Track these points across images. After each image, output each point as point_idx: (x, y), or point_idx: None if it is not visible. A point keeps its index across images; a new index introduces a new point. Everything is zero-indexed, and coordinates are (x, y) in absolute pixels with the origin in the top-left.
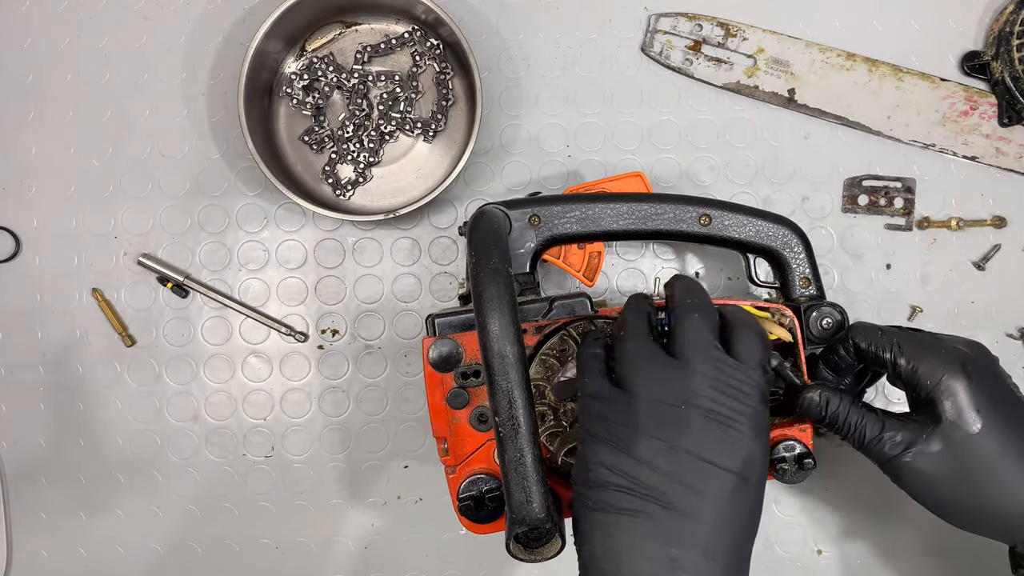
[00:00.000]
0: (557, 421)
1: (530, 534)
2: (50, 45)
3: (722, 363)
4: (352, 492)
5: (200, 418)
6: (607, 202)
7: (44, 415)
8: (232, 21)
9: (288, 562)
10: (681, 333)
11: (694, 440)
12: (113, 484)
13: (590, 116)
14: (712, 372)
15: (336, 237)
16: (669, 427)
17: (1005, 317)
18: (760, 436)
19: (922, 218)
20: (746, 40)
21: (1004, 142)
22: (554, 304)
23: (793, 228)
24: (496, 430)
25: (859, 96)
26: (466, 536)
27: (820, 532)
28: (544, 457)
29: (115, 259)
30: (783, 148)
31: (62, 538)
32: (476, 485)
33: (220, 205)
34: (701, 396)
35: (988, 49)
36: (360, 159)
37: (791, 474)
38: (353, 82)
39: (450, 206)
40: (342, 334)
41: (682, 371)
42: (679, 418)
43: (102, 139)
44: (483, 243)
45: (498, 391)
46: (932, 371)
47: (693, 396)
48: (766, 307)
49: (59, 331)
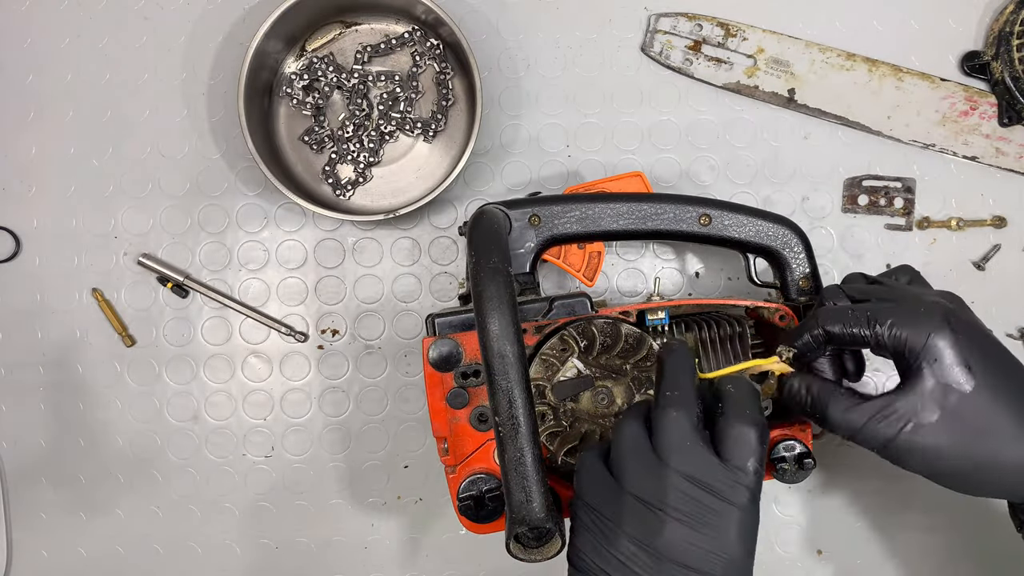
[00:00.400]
0: (557, 421)
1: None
2: (50, 45)
3: (702, 463)
4: (352, 492)
5: (200, 418)
6: (607, 202)
7: (44, 415)
8: (232, 21)
9: (288, 562)
10: (659, 431)
11: (670, 543)
12: (113, 484)
13: (590, 116)
14: (690, 471)
15: (336, 237)
16: (647, 527)
17: (1005, 317)
18: (745, 538)
19: (922, 218)
20: (746, 40)
21: (1004, 142)
22: (554, 304)
23: (793, 228)
24: (496, 430)
25: (859, 96)
26: (466, 536)
27: (820, 532)
28: (544, 457)
29: (115, 259)
30: (783, 148)
31: (62, 538)
32: (476, 485)
33: (220, 205)
34: (677, 497)
35: (988, 49)
36: (360, 159)
37: (791, 474)
38: (353, 82)
39: (450, 206)
40: (342, 334)
41: (661, 470)
42: (657, 519)
43: (102, 139)
44: (483, 243)
45: (498, 391)
46: (917, 335)
47: (669, 497)
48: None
49: (59, 331)
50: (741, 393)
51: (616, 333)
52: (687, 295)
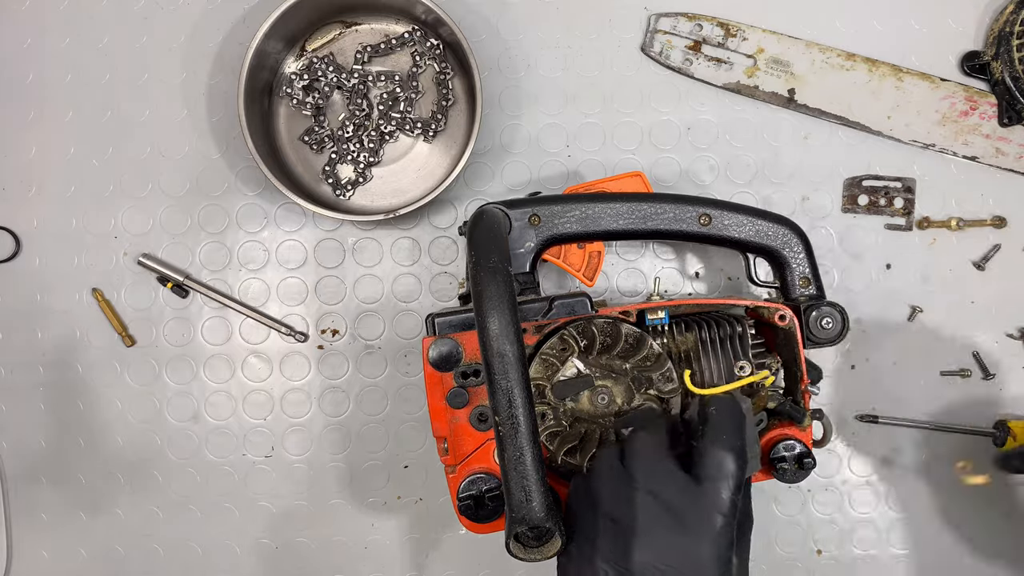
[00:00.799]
0: (557, 421)
1: (530, 533)
2: (50, 45)
3: (671, 482)
4: (352, 492)
5: (200, 418)
6: (607, 202)
7: (44, 415)
8: (232, 21)
9: (288, 562)
10: (629, 450)
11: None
12: (113, 484)
13: (590, 116)
14: (657, 489)
15: (336, 237)
16: (619, 547)
17: (1005, 317)
18: (719, 561)
19: (922, 218)
20: (746, 40)
21: (1004, 142)
22: (554, 304)
23: (793, 228)
24: (496, 429)
25: (859, 96)
26: (466, 536)
27: (820, 532)
28: (544, 457)
29: (115, 259)
30: (783, 148)
31: (62, 538)
32: (476, 485)
33: (220, 205)
34: (646, 516)
35: (988, 49)
36: (360, 159)
37: (791, 474)
38: (353, 82)
39: (450, 206)
40: (342, 334)
41: (630, 490)
42: (626, 539)
43: (102, 139)
44: (483, 243)
45: (498, 390)
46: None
47: (638, 516)
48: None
49: (59, 331)
50: (723, 416)
51: (616, 333)
52: (687, 295)
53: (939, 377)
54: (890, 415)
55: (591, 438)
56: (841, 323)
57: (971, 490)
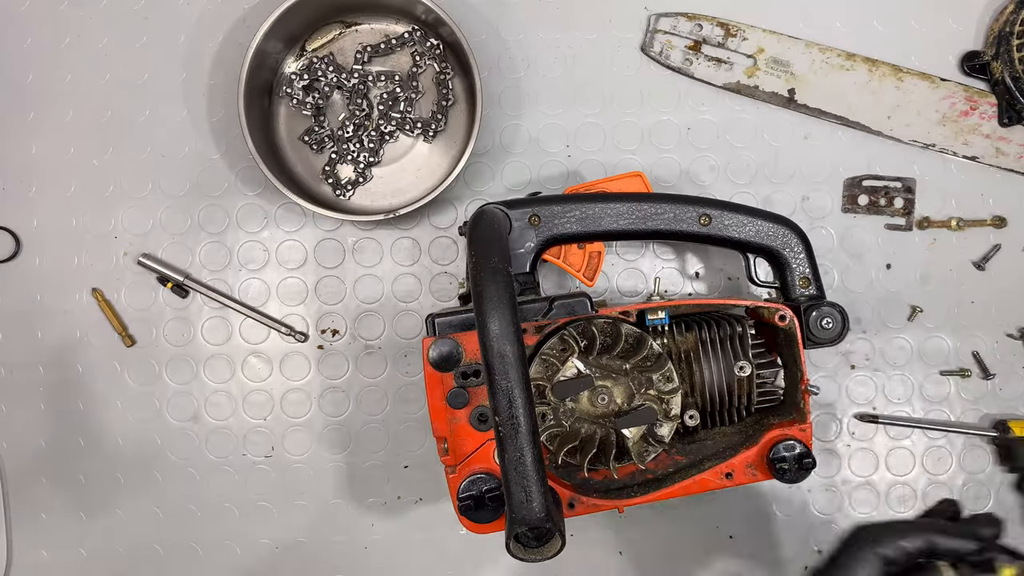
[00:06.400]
0: (557, 421)
1: (530, 534)
2: (50, 45)
3: None
4: (352, 492)
5: (200, 418)
6: (607, 202)
7: (44, 415)
8: (232, 21)
9: (288, 562)
10: None
11: None
12: (113, 484)
13: (590, 116)
14: None
15: (336, 237)
16: None
17: (1005, 317)
18: None
19: (922, 218)
20: (746, 40)
21: (1004, 142)
22: (554, 304)
23: (793, 228)
24: (496, 430)
25: (859, 96)
26: (466, 536)
27: (820, 532)
28: (544, 457)
29: (115, 259)
30: (783, 148)
31: (62, 538)
32: (476, 485)
33: (220, 205)
34: None
35: (988, 49)
36: (360, 159)
37: (791, 474)
38: (353, 82)
39: (450, 206)
40: (342, 334)
41: None
42: None
43: (102, 139)
44: (483, 243)
45: (498, 391)
46: None
47: None
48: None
49: (59, 331)
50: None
51: (616, 333)
52: (687, 295)
53: (939, 377)
54: (890, 415)
55: (591, 438)
56: (841, 323)
57: (971, 490)
